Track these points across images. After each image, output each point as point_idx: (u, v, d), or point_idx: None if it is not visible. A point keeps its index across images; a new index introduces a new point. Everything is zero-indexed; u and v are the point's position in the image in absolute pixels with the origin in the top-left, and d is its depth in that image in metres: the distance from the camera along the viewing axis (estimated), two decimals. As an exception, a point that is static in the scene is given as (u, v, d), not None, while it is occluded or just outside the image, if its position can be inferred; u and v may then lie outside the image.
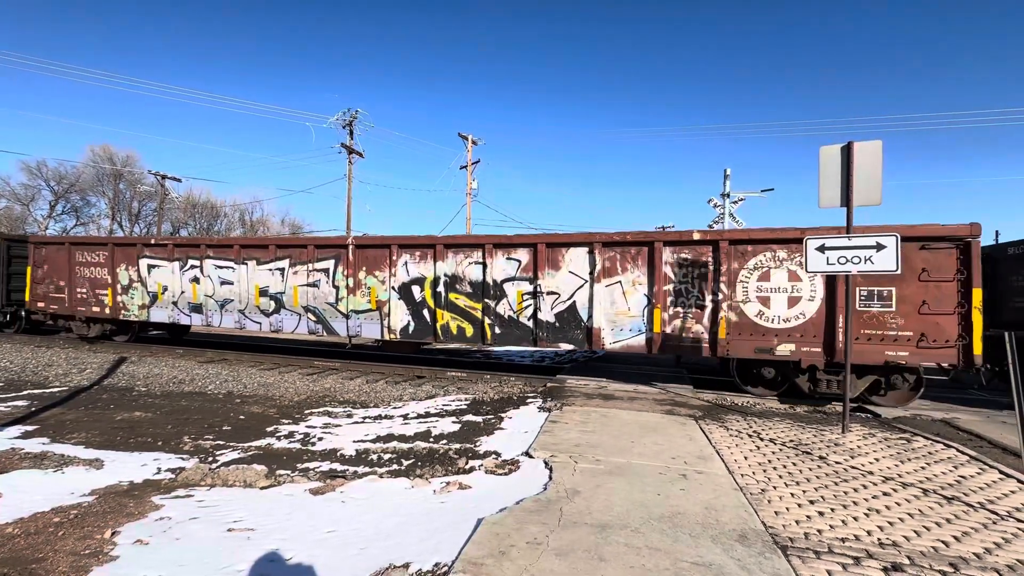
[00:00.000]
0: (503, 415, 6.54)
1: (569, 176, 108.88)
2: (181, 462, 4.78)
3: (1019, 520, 3.48)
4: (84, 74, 78.07)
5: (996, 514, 3.58)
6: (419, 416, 6.71)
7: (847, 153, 5.52)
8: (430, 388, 8.51)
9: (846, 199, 5.55)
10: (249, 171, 76.81)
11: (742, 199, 25.45)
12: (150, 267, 11.93)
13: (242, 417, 6.56)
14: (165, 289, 11.76)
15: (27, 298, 13.14)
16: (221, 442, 5.47)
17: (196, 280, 11.44)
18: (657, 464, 4.49)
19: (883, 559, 2.90)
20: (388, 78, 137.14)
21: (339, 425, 6.26)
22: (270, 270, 10.80)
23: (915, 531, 3.27)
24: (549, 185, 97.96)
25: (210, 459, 4.89)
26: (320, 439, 5.64)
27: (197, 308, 11.45)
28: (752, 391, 8.09)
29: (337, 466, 4.76)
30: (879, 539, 3.15)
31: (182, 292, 11.61)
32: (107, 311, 12.23)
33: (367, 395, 8.07)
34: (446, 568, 2.72)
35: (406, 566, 2.80)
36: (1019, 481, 4.26)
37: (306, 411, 6.96)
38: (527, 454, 4.79)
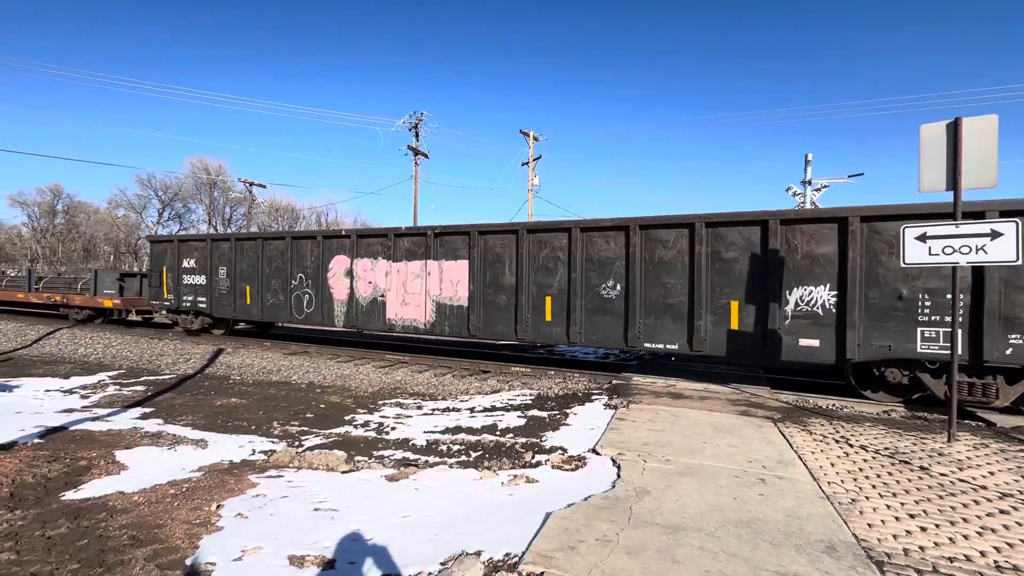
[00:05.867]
0: (568, 411, 6.52)
1: (635, 169, 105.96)
2: (272, 445, 5.21)
3: None
4: (176, 91, 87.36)
5: None
6: (485, 409, 6.85)
7: (954, 131, 4.95)
8: (495, 383, 8.65)
9: (952, 182, 4.98)
10: (324, 175, 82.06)
11: (826, 186, 23.53)
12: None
13: (322, 406, 7.03)
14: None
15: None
16: (305, 428, 5.90)
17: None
18: (732, 467, 4.29)
19: (1001, 584, 2.59)
20: (453, 76, 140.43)
21: (410, 416, 6.54)
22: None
23: (1041, 555, 2.89)
24: (614, 178, 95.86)
25: (296, 443, 5.29)
26: (393, 428, 5.93)
27: None
28: (871, 396, 7.19)
29: (409, 455, 4.98)
30: (995, 561, 2.82)
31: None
32: None
33: (435, 388, 8.36)
34: (516, 559, 2.77)
35: (478, 554, 2.88)
36: None
37: (379, 402, 7.33)
38: (594, 451, 4.75)
